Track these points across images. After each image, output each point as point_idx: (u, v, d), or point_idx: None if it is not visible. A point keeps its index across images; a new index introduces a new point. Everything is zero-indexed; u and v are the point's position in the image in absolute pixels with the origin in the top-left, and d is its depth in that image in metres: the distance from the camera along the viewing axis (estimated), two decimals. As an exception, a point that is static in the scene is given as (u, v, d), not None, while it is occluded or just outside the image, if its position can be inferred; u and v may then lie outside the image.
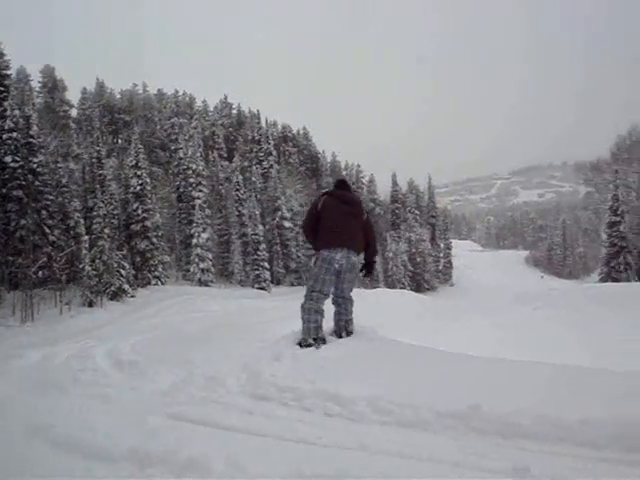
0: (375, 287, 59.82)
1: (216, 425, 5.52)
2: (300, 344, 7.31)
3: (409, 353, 7.95)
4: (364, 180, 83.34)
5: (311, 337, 7.33)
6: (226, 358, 7.97)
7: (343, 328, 7.68)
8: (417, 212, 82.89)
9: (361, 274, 7.78)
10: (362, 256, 7.51)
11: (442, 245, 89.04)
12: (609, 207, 51.47)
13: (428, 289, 73.62)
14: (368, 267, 7.70)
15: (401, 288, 61.56)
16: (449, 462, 4.33)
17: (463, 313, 27.53)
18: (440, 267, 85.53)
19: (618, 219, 50.44)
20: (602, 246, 53.67)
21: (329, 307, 7.79)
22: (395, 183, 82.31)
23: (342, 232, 7.06)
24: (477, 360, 7.50)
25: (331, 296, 7.43)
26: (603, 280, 50.48)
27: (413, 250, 74.59)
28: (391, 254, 70.17)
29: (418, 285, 72.26)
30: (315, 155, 77.41)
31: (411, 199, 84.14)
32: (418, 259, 74.77)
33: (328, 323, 7.97)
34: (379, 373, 6.93)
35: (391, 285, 65.65)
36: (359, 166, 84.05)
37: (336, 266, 7.07)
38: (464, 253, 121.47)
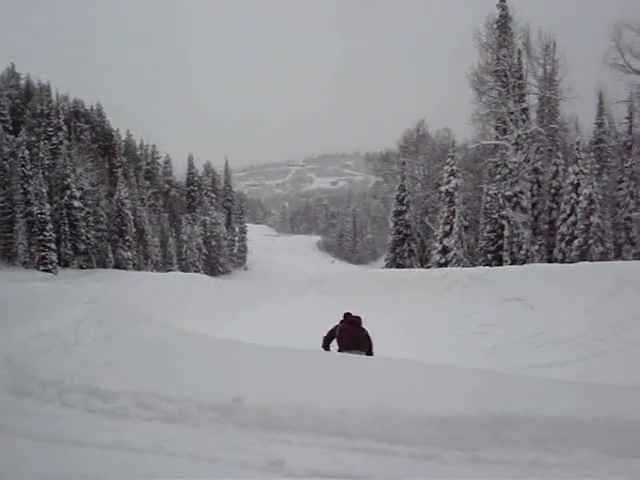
0: (169, 270, 59.09)
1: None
2: None
3: (187, 343, 7.83)
4: (160, 161, 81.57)
5: None
6: (-13, 351, 7.39)
7: None
8: (213, 195, 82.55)
9: None
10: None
11: (237, 229, 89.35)
12: (396, 197, 53.99)
13: (222, 273, 73.75)
14: None
15: (195, 271, 61.29)
16: (208, 458, 4.29)
17: (255, 297, 27.88)
18: (235, 251, 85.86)
19: (404, 208, 53.16)
20: (389, 233, 56.23)
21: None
22: (191, 165, 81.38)
23: (353, 340, 10.22)
24: (249, 348, 7.54)
25: None
26: (388, 265, 53.01)
27: (208, 233, 74.34)
28: (186, 237, 69.52)
29: (212, 269, 72.23)
30: (109, 133, 74.22)
31: (207, 182, 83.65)
32: (213, 243, 74.66)
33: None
34: (150, 364, 6.71)
35: (185, 268, 65.09)
36: (155, 146, 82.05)
37: None
38: (259, 237, 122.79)
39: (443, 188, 44.58)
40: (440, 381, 6.12)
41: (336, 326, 10.67)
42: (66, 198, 52.96)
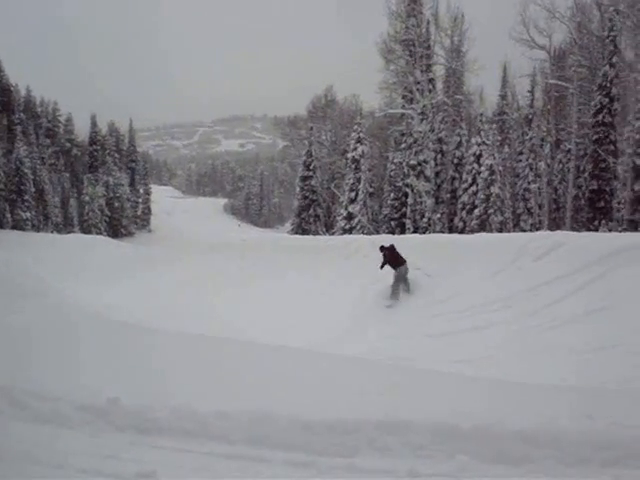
0: (70, 232, 57.43)
1: None
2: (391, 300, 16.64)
3: (70, 326, 7.46)
4: (61, 119, 78.78)
5: (397, 298, 16.56)
6: None
7: (408, 289, 16.86)
8: (117, 155, 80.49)
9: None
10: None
11: (142, 190, 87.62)
12: (303, 162, 54.08)
13: (125, 235, 72.35)
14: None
15: (97, 233, 59.79)
16: (77, 468, 4.09)
17: (156, 262, 27.38)
18: (139, 213, 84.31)
19: (310, 174, 53.28)
20: (295, 198, 56.31)
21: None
22: (94, 124, 78.93)
23: (398, 260, 16.82)
24: (133, 332, 7.20)
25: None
26: (294, 230, 53.27)
27: (111, 194, 72.63)
28: (87, 198, 67.65)
29: (115, 231, 70.75)
30: (7, 88, 70.95)
31: (111, 141, 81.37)
32: (116, 204, 72.99)
33: None
34: (27, 354, 6.32)
35: (87, 230, 63.49)
36: (56, 103, 79.04)
37: (402, 272, 16.73)
38: (164, 199, 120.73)
39: (349, 155, 44.87)
40: (326, 378, 5.98)
41: (385, 257, 16.94)
42: (-41, 155, 50.55)
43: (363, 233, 39.18)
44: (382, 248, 17.14)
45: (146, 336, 7.18)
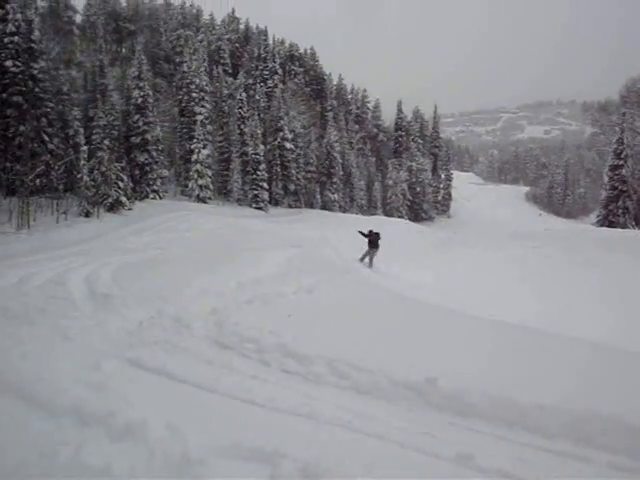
0: (373, 214, 59.99)
1: (169, 375, 5.52)
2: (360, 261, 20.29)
3: (382, 301, 7.82)
4: (369, 105, 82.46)
5: (362, 261, 20.34)
6: (199, 297, 7.88)
7: (370, 264, 20.28)
8: (420, 141, 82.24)
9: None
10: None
11: (443, 176, 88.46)
12: (613, 150, 50.96)
13: (425, 219, 73.72)
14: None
15: (399, 217, 61.72)
16: (396, 442, 4.22)
17: (456, 246, 27.56)
18: (439, 198, 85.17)
19: (621, 163, 50.03)
20: (602, 189, 53.27)
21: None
22: (400, 110, 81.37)
23: (376, 244, 20.52)
24: (442, 315, 7.35)
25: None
26: (600, 223, 50.40)
27: (413, 179, 74.36)
28: (391, 182, 70.01)
29: (416, 214, 72.37)
30: (321, 77, 75.79)
31: (415, 127, 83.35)
32: (418, 189, 74.58)
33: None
34: (344, 328, 6.66)
35: (389, 213, 65.68)
36: (365, 91, 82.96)
37: (373, 252, 20.61)
38: (464, 185, 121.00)
39: (667, 143, 41.50)
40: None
41: (369, 236, 20.38)
42: (279, 140, 54.98)
43: (678, 228, 36.13)
44: (370, 232, 20.72)
45: (459, 320, 7.31)
